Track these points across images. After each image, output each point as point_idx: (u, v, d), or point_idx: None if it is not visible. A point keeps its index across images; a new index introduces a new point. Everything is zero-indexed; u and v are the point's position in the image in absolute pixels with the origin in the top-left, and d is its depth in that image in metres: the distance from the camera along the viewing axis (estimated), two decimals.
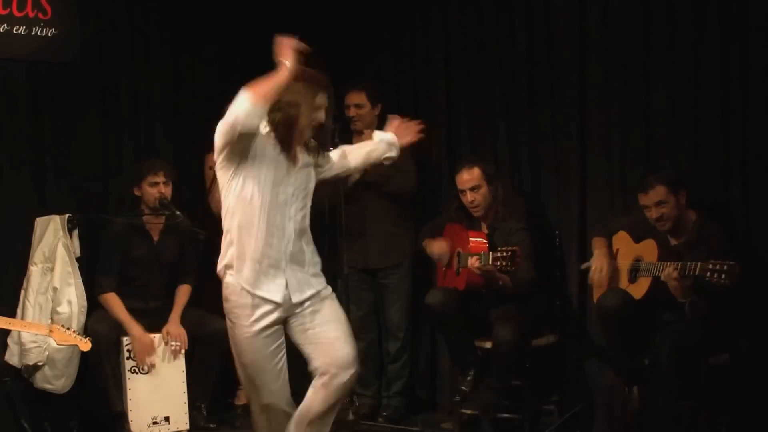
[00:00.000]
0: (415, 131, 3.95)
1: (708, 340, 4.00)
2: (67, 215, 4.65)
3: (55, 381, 4.56)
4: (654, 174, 4.16)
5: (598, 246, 4.34)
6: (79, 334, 4.22)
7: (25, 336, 4.49)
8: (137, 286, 4.84)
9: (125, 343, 4.70)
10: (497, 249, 4.34)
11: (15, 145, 4.90)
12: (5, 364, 4.57)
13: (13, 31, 4.77)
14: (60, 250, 4.61)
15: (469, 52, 5.21)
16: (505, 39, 5.04)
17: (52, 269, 4.61)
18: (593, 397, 4.61)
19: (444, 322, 4.63)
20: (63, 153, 5.05)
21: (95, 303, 4.74)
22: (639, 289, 4.12)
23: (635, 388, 4.28)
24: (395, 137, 3.88)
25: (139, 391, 4.69)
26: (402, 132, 3.92)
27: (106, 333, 4.63)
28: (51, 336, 4.16)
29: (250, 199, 3.40)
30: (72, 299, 4.59)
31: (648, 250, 4.15)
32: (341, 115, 5.00)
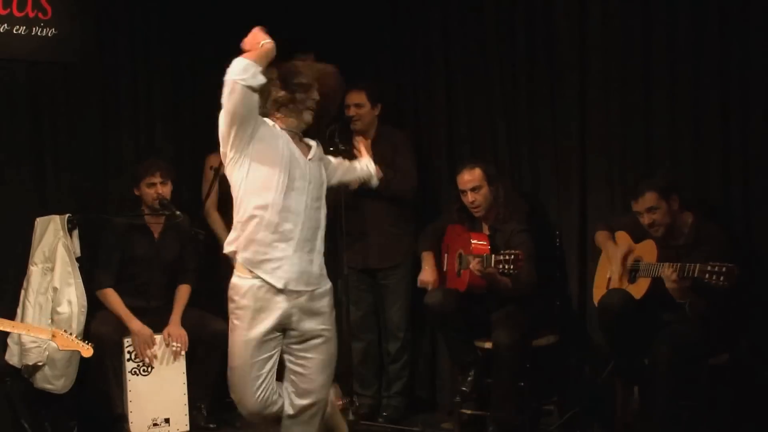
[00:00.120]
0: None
1: (708, 340, 4.01)
2: (67, 215, 4.64)
3: (55, 381, 4.56)
4: (644, 180, 4.17)
5: (602, 239, 4.37)
6: (81, 340, 4.22)
7: (25, 336, 4.48)
8: (138, 285, 4.84)
9: (126, 344, 4.70)
10: (499, 252, 4.34)
11: (15, 145, 4.90)
12: (5, 364, 4.57)
13: (13, 31, 4.77)
14: (60, 250, 4.60)
15: (469, 52, 5.20)
16: (505, 39, 5.04)
17: (52, 269, 4.60)
18: (593, 398, 4.61)
19: (444, 323, 4.63)
20: (63, 153, 5.05)
21: (96, 303, 4.73)
22: (638, 290, 4.12)
23: (635, 388, 4.28)
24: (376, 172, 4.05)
25: (139, 392, 4.69)
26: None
27: (109, 335, 4.63)
28: (54, 341, 4.17)
29: (264, 187, 3.41)
30: (72, 299, 4.58)
31: (647, 251, 4.15)
32: (341, 115, 5.00)
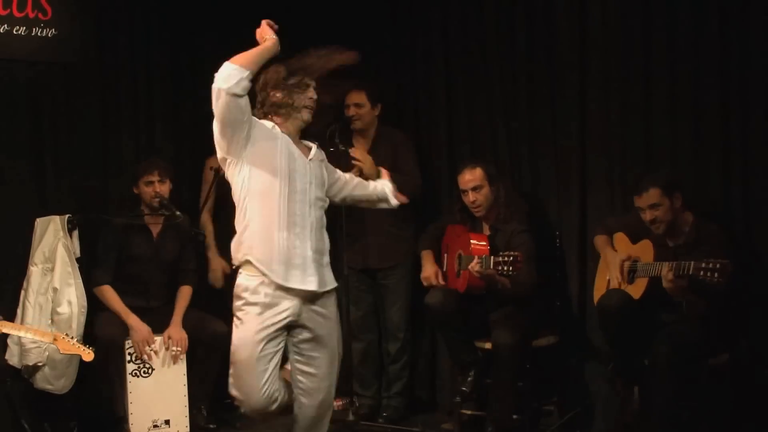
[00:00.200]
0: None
1: (708, 340, 4.01)
2: (67, 216, 4.64)
3: (56, 381, 4.56)
4: (649, 176, 4.16)
5: (601, 244, 4.36)
6: (82, 343, 4.22)
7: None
8: (138, 284, 4.82)
9: (127, 346, 4.69)
10: (499, 253, 4.33)
11: (15, 145, 4.90)
12: (5, 365, 4.56)
13: (13, 32, 4.77)
14: (60, 250, 4.60)
15: (469, 52, 5.20)
16: (505, 39, 5.03)
17: (52, 270, 4.60)
18: (593, 398, 4.61)
19: (444, 323, 4.63)
20: (63, 153, 5.05)
21: (96, 304, 4.73)
22: (637, 290, 4.12)
23: (635, 388, 4.28)
24: (394, 194, 4.00)
25: (140, 394, 4.67)
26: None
27: (112, 338, 4.62)
28: (55, 344, 4.16)
29: (266, 188, 3.41)
30: (72, 299, 4.58)
31: (644, 251, 4.14)
32: (341, 114, 5.01)
